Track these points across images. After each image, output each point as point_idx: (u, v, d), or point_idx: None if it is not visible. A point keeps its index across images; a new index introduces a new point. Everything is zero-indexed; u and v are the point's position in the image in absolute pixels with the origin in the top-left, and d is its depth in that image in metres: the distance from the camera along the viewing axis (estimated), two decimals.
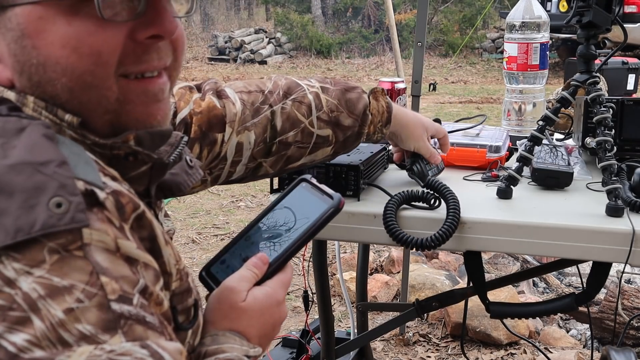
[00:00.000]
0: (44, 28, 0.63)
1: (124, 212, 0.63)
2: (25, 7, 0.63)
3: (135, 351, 0.56)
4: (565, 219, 1.17)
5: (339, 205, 0.79)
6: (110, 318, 0.57)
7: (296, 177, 0.87)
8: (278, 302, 0.77)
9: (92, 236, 0.58)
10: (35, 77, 0.65)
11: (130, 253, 0.61)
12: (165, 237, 0.70)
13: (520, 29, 1.70)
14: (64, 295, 0.55)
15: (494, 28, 14.14)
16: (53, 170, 0.59)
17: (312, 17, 14.54)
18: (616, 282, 2.75)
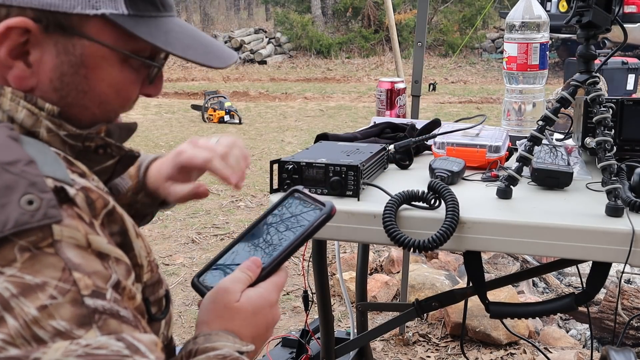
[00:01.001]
0: (101, 66, 0.73)
1: (94, 208, 0.65)
2: (94, 44, 0.71)
3: (111, 344, 0.57)
4: (565, 219, 1.17)
5: (331, 212, 0.82)
6: (84, 313, 0.57)
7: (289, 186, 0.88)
8: (271, 303, 0.78)
9: (63, 233, 0.59)
10: (71, 99, 0.72)
11: (102, 248, 0.63)
12: (136, 230, 0.72)
13: (520, 29, 1.70)
14: (37, 293, 0.56)
15: (493, 28, 14.14)
16: (21, 169, 0.60)
17: (312, 17, 14.55)
18: (616, 282, 2.75)
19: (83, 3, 0.69)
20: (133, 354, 0.58)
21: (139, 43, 0.74)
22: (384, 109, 2.04)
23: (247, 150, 1.00)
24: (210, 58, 0.77)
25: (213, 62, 0.77)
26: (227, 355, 0.69)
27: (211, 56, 0.78)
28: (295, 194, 0.87)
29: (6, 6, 0.68)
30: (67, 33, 0.70)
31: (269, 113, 8.38)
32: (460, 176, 1.41)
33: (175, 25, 0.77)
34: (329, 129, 6.88)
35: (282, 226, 0.84)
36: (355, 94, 9.79)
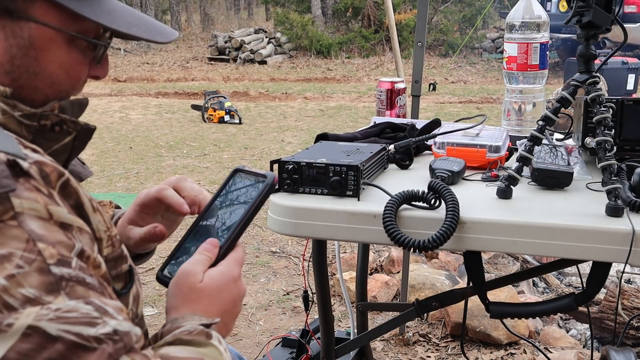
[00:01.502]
0: (49, 48, 0.74)
1: (50, 181, 0.66)
2: (41, 26, 0.73)
3: (80, 307, 0.60)
4: (565, 219, 1.17)
5: (273, 181, 0.85)
6: (51, 280, 0.60)
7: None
8: (234, 278, 0.80)
9: (23, 205, 0.61)
10: (22, 80, 0.74)
11: (63, 218, 0.65)
12: (93, 204, 0.73)
13: (520, 29, 1.70)
14: (4, 263, 0.58)
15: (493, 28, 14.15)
16: None
17: (312, 17, 14.55)
18: (616, 282, 2.75)
19: None
20: (102, 315, 0.61)
21: (84, 24, 0.76)
22: (384, 109, 2.04)
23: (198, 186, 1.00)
24: (154, 34, 0.81)
25: (157, 37, 0.80)
26: (192, 330, 0.71)
27: (154, 32, 0.81)
28: (237, 174, 0.90)
29: None
30: (14, 17, 0.72)
31: (269, 113, 8.38)
32: (460, 176, 1.41)
33: (117, 5, 0.80)
34: (329, 129, 6.88)
35: (230, 205, 0.87)
36: (355, 94, 9.79)
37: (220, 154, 6.18)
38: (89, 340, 0.59)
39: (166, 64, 13.25)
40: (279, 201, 1.30)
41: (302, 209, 1.27)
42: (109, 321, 0.62)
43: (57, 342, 0.58)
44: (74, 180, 0.70)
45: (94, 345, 0.60)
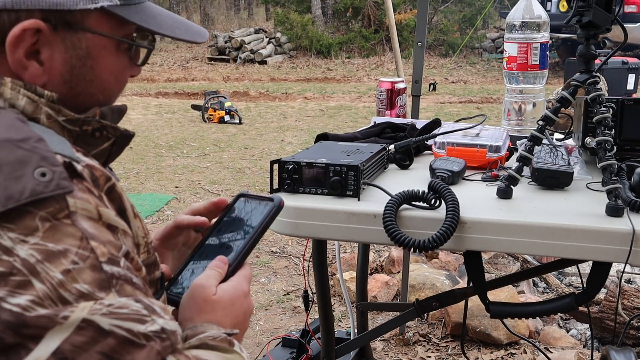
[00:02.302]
0: (103, 55, 0.78)
1: (99, 184, 0.69)
2: (96, 35, 0.77)
3: (130, 304, 0.63)
4: (565, 219, 1.17)
5: (280, 204, 0.88)
6: (103, 278, 0.62)
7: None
8: (245, 293, 0.83)
9: (77, 205, 0.63)
10: (79, 88, 0.77)
11: (111, 220, 0.67)
12: (134, 211, 0.76)
13: (520, 29, 1.70)
14: (60, 259, 0.60)
15: (494, 28, 14.14)
16: (32, 146, 0.64)
17: (312, 17, 14.54)
18: (616, 282, 2.75)
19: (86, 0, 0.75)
20: (151, 313, 0.64)
21: (127, 30, 0.80)
22: (384, 108, 2.04)
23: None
24: (193, 34, 0.85)
25: (197, 38, 0.85)
26: (217, 336, 0.73)
27: (193, 33, 0.85)
28: (241, 198, 0.93)
29: (15, 11, 0.71)
30: (73, 29, 0.75)
31: (269, 113, 8.38)
32: (460, 176, 1.41)
33: (156, 9, 0.83)
34: (329, 129, 6.88)
35: (236, 226, 0.90)
36: (356, 94, 9.79)
37: (220, 154, 6.18)
38: (138, 336, 0.62)
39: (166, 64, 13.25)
40: None
41: (303, 209, 1.27)
42: (157, 319, 0.64)
43: (109, 336, 0.60)
44: (119, 186, 0.74)
45: (143, 342, 0.62)
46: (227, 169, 5.63)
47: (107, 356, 0.59)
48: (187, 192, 4.94)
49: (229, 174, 5.48)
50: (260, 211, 0.89)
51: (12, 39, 0.71)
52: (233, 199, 0.94)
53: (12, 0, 0.71)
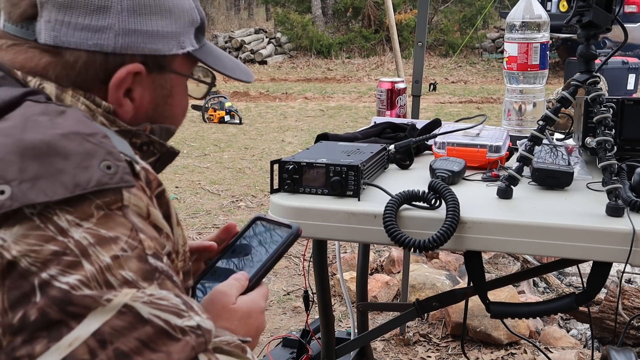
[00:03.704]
0: (180, 94, 0.87)
1: (151, 187, 0.73)
2: (178, 76, 0.85)
3: (170, 297, 0.65)
4: (565, 219, 1.17)
5: (298, 232, 0.90)
6: (148, 269, 0.65)
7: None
8: (261, 309, 0.85)
9: (131, 200, 0.67)
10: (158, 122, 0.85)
11: (157, 222, 0.71)
12: (177, 218, 0.79)
13: (520, 29, 1.70)
14: (111, 245, 0.63)
15: (494, 28, 14.14)
16: (99, 140, 0.68)
17: (312, 17, 14.54)
18: (616, 282, 2.75)
19: (176, 45, 0.83)
20: (189, 310, 0.65)
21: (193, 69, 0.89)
22: (385, 109, 2.04)
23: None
24: (247, 75, 0.93)
25: (250, 78, 0.93)
26: (231, 342, 0.73)
27: (247, 73, 0.94)
28: (258, 221, 0.95)
29: (122, 54, 0.78)
30: (163, 71, 0.83)
31: (270, 113, 8.38)
32: (460, 176, 1.41)
33: (216, 50, 0.91)
34: (330, 129, 6.88)
35: (252, 248, 0.91)
36: (356, 94, 9.79)
37: (220, 154, 6.18)
38: (175, 329, 0.63)
39: None
40: (279, 201, 1.30)
41: (303, 209, 1.27)
42: (194, 316, 0.66)
43: (147, 324, 0.62)
44: (168, 193, 0.77)
45: (179, 336, 0.63)
46: (227, 169, 5.63)
47: (143, 343, 0.61)
48: (188, 192, 4.94)
49: (229, 174, 5.48)
50: (277, 236, 0.91)
51: (117, 80, 0.78)
52: (249, 222, 0.96)
53: (121, 46, 0.78)
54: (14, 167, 0.63)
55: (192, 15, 0.85)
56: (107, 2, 0.77)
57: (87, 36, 0.77)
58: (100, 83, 0.79)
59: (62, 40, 0.76)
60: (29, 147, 0.64)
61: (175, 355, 0.62)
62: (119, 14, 0.77)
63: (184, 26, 0.83)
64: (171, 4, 0.82)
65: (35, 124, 0.67)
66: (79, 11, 0.76)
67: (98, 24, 0.77)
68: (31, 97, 0.72)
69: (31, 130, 0.66)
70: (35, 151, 0.64)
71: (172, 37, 0.82)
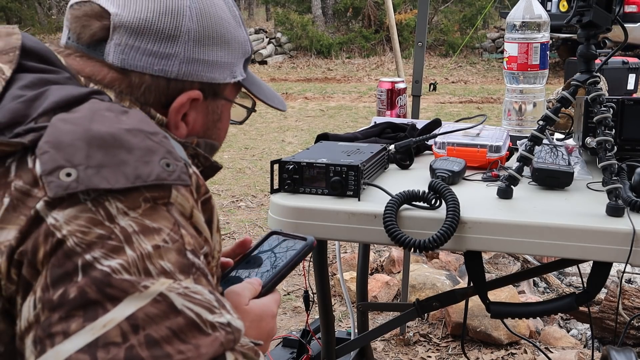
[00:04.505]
0: (226, 119, 0.94)
1: (200, 192, 0.75)
2: (227, 102, 0.92)
3: (204, 293, 0.66)
4: (565, 219, 1.17)
5: (313, 244, 0.92)
6: (185, 263, 0.67)
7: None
8: (273, 314, 0.87)
9: (177, 199, 0.69)
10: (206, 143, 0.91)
11: (199, 224, 0.73)
12: (219, 226, 0.81)
13: (520, 29, 1.70)
14: (154, 235, 0.66)
15: (494, 28, 14.14)
16: (160, 139, 0.71)
17: (312, 17, 14.54)
18: (617, 281, 2.75)
19: (229, 74, 0.89)
20: (221, 308, 0.67)
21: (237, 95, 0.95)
22: (385, 109, 2.04)
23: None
24: (283, 104, 1.01)
25: (284, 107, 1.01)
26: (244, 344, 0.73)
27: (282, 103, 1.01)
28: (274, 235, 0.98)
29: (183, 81, 0.84)
30: (216, 97, 0.89)
31: (270, 113, 8.38)
32: (460, 176, 1.41)
33: (256, 78, 0.98)
34: (330, 129, 6.88)
35: (267, 259, 0.93)
36: (356, 94, 9.79)
37: (220, 154, 6.18)
38: (205, 324, 0.65)
39: None
40: (279, 201, 1.30)
41: (303, 209, 1.27)
42: (225, 314, 0.67)
43: (180, 315, 0.63)
44: (214, 200, 0.79)
45: (209, 331, 0.65)
46: (227, 169, 5.63)
47: (174, 333, 0.62)
48: None
49: (229, 174, 5.49)
50: (291, 247, 0.93)
51: (178, 105, 0.84)
52: (265, 236, 0.98)
53: (184, 73, 0.83)
54: (81, 153, 0.66)
55: (245, 47, 0.91)
56: (177, 31, 0.82)
57: (154, 62, 0.82)
58: (161, 107, 0.84)
59: (130, 63, 0.81)
60: (97, 137, 0.67)
61: (203, 349, 0.63)
62: (185, 43, 0.83)
63: (238, 57, 0.90)
64: (230, 36, 0.88)
65: (102, 117, 0.70)
66: (150, 37, 0.81)
67: (165, 51, 0.82)
68: (96, 96, 0.75)
69: (98, 122, 0.69)
70: (101, 141, 0.67)
71: (227, 67, 0.88)
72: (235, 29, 0.89)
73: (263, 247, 0.97)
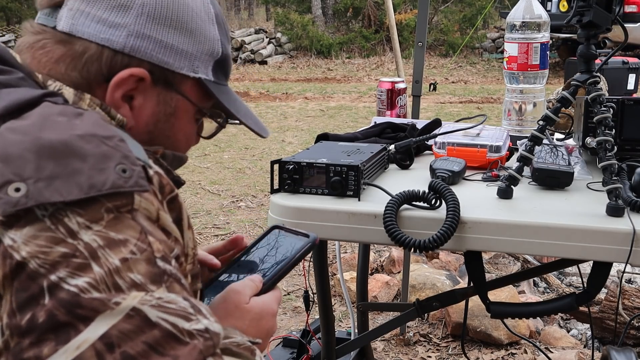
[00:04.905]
0: (184, 119, 0.86)
1: (164, 192, 0.73)
2: (185, 100, 0.85)
3: (178, 301, 0.64)
4: (565, 219, 1.17)
5: (315, 241, 0.91)
6: (156, 272, 0.64)
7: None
8: (273, 312, 0.85)
9: (141, 204, 0.67)
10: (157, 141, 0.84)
11: (167, 226, 0.71)
12: (189, 222, 0.79)
13: (520, 29, 1.70)
14: (120, 247, 0.63)
15: (494, 28, 14.14)
16: (116, 144, 0.68)
17: (313, 17, 14.54)
18: (617, 282, 2.75)
19: (188, 66, 0.83)
20: (197, 313, 0.65)
21: (206, 104, 0.88)
22: (385, 109, 2.04)
23: None
24: (261, 129, 0.93)
25: (263, 133, 0.93)
26: (241, 343, 0.73)
27: (261, 127, 0.93)
28: (276, 230, 0.96)
29: (129, 56, 0.79)
30: (169, 88, 0.83)
31: (270, 113, 8.38)
32: (460, 176, 1.41)
33: (234, 95, 0.92)
34: (330, 129, 6.88)
35: (270, 253, 0.92)
36: (356, 94, 9.79)
37: (220, 154, 6.18)
38: (182, 333, 0.63)
39: None
40: (279, 201, 1.30)
41: (303, 209, 1.27)
42: (202, 320, 0.65)
43: (155, 328, 0.61)
44: (180, 198, 0.76)
45: (187, 339, 0.63)
46: (227, 169, 5.63)
47: (151, 347, 0.61)
48: (188, 193, 4.94)
49: (229, 174, 5.48)
50: (294, 244, 0.91)
51: (117, 80, 0.78)
52: (266, 230, 0.97)
53: (131, 47, 0.79)
54: (30, 165, 0.63)
55: (214, 47, 0.86)
56: (130, 2, 0.79)
57: (101, 29, 0.78)
58: (103, 80, 0.79)
59: (78, 29, 0.78)
60: (47, 146, 0.64)
61: (182, 359, 0.62)
62: (137, 16, 0.79)
63: (202, 53, 0.84)
64: (194, 26, 0.83)
65: (53, 123, 0.67)
66: (100, 4, 0.78)
67: (114, 21, 0.78)
68: (50, 98, 0.72)
69: (49, 130, 0.66)
70: (52, 151, 0.64)
71: (186, 57, 0.83)
72: (204, 22, 0.84)
73: (265, 242, 0.95)
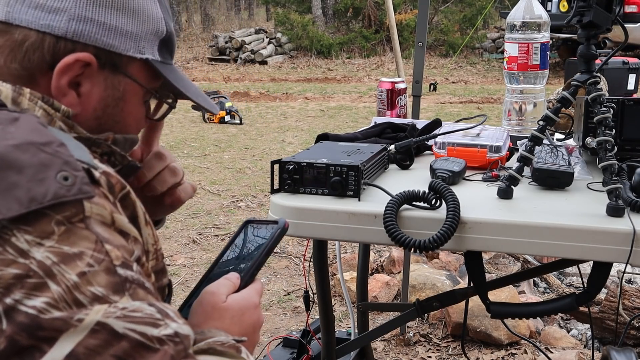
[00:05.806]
0: (133, 102, 0.84)
1: (114, 191, 0.70)
2: (133, 82, 0.82)
3: (144, 308, 0.62)
4: (565, 219, 1.17)
5: (284, 226, 0.91)
6: (117, 281, 0.62)
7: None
8: (255, 305, 0.83)
9: (92, 210, 0.64)
10: (106, 126, 0.81)
11: (123, 227, 0.68)
12: (146, 218, 0.77)
13: (520, 29, 1.70)
14: (76, 261, 0.60)
15: (494, 28, 14.14)
16: (55, 150, 0.64)
17: (313, 17, 14.55)
18: (617, 282, 2.75)
19: (134, 47, 0.80)
20: (164, 317, 0.64)
21: (154, 84, 0.86)
22: (385, 109, 2.04)
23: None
24: (211, 106, 0.92)
25: (213, 109, 0.92)
26: (225, 342, 0.72)
27: (210, 104, 0.92)
28: (249, 225, 0.96)
29: (73, 41, 0.76)
30: (116, 71, 0.80)
31: (270, 113, 8.38)
32: (461, 176, 1.41)
33: (182, 73, 0.89)
34: (330, 129, 6.88)
35: (245, 248, 0.92)
36: (356, 94, 9.79)
37: (220, 154, 6.18)
38: (152, 340, 0.61)
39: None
40: (279, 201, 1.30)
41: (303, 209, 1.27)
42: (171, 324, 0.64)
43: (123, 339, 0.60)
44: (133, 194, 0.74)
45: (157, 346, 0.61)
46: (227, 169, 5.63)
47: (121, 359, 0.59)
48: None
49: (229, 174, 5.48)
50: (265, 233, 0.92)
51: (62, 66, 0.75)
52: (239, 227, 0.97)
53: (74, 31, 0.75)
54: None
55: (158, 25, 0.83)
56: None
57: (40, 15, 0.74)
58: (47, 68, 0.75)
59: (14, 16, 0.75)
60: None
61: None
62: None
63: (147, 32, 0.81)
64: (137, 6, 0.80)
65: None
66: None
67: (53, 5, 0.75)
68: None
69: None
70: None
71: (131, 39, 0.80)
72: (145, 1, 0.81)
73: (239, 239, 0.95)
